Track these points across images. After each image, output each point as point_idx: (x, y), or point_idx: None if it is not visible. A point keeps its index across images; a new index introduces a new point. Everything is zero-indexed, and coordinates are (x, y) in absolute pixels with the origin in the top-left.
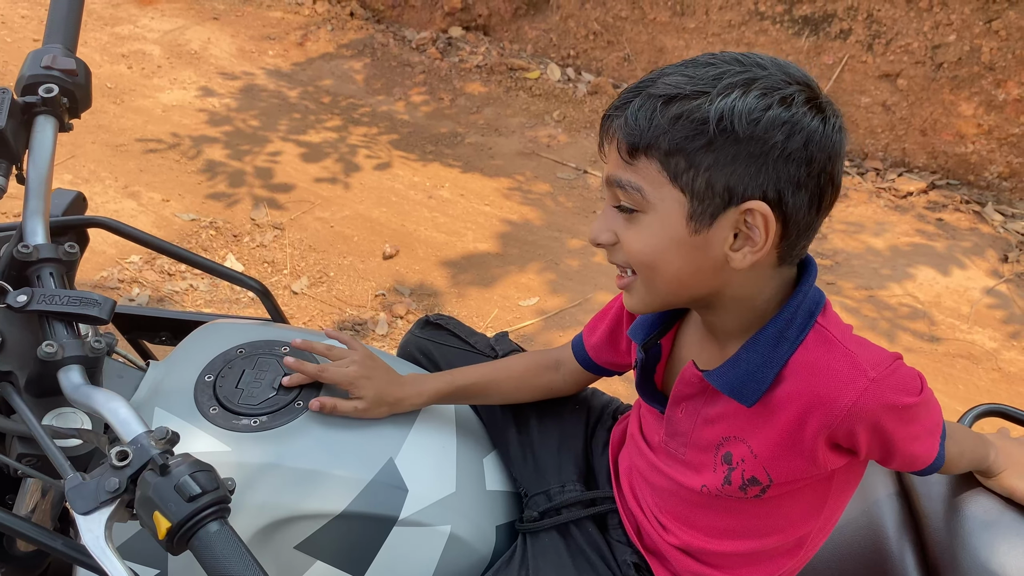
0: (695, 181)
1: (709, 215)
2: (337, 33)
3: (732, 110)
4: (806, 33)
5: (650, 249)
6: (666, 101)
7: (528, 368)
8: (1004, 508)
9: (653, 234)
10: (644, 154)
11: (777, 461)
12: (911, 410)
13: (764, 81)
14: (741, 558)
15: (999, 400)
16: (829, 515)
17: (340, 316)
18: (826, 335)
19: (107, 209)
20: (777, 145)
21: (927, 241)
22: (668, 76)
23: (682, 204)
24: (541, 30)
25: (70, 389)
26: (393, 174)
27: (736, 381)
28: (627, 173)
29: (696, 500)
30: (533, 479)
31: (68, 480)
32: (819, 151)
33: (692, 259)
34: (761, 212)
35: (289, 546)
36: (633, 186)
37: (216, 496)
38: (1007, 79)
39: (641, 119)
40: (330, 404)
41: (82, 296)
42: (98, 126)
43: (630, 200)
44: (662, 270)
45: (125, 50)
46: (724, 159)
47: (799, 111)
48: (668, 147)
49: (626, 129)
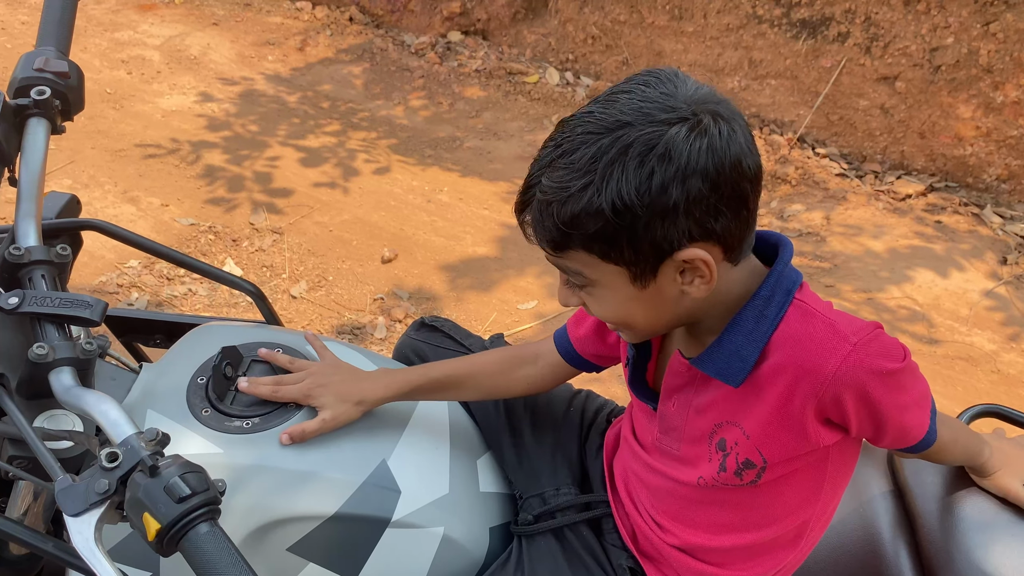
0: (623, 254)
1: (650, 271)
2: (336, 38)
3: (620, 194)
4: (804, 36)
5: (612, 311)
6: (560, 205)
7: (504, 361)
8: (999, 508)
9: (609, 300)
10: (568, 247)
11: (769, 439)
12: (896, 376)
13: (636, 143)
14: (742, 553)
15: (999, 402)
16: (826, 501)
17: (339, 320)
18: (806, 308)
19: (106, 214)
20: (679, 199)
21: (926, 243)
22: (548, 175)
23: (621, 274)
24: (540, 34)
25: (61, 391)
26: (392, 178)
27: (721, 363)
28: (562, 261)
29: (693, 496)
30: (527, 481)
31: (58, 482)
32: (721, 173)
33: (653, 306)
34: (697, 257)
35: (281, 548)
36: (572, 271)
37: (206, 497)
38: (1005, 81)
39: (547, 227)
40: (297, 432)
41: (73, 298)
42: (97, 131)
43: (576, 280)
44: (633, 321)
45: (125, 55)
46: (638, 231)
47: (682, 156)
48: (583, 240)
49: (538, 235)
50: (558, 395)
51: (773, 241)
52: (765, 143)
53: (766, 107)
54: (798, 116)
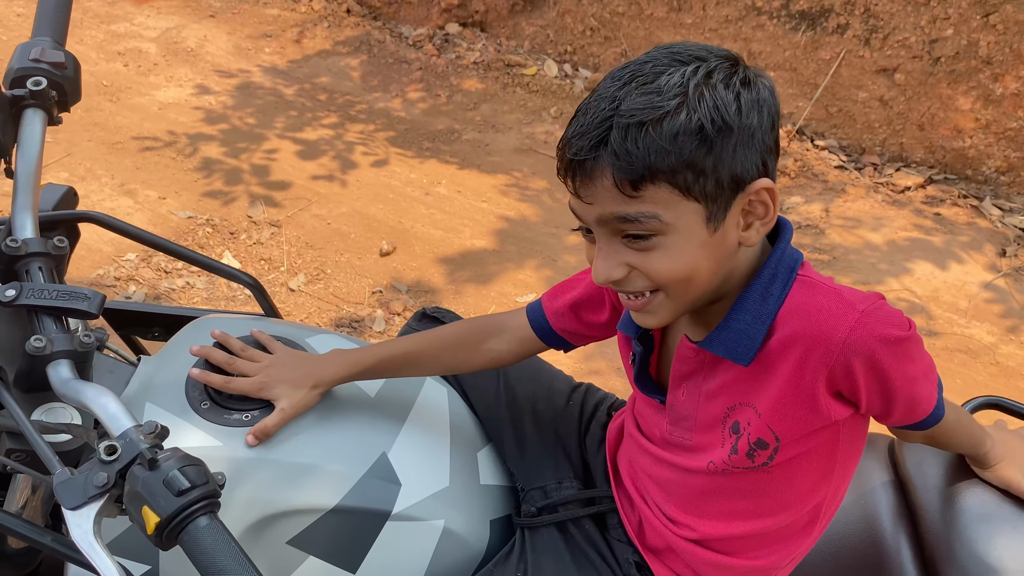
0: (707, 186)
1: (723, 210)
2: (334, 30)
3: (718, 108)
4: (803, 28)
5: (681, 265)
6: (655, 124)
7: (465, 334)
8: (1000, 500)
9: (681, 251)
10: (650, 182)
11: (781, 415)
12: (903, 344)
13: (718, 70)
14: (756, 540)
15: (998, 394)
16: (837, 485)
17: (337, 313)
18: (810, 281)
19: (103, 207)
20: (758, 126)
21: (925, 236)
22: (629, 100)
23: (699, 212)
24: (538, 26)
25: (59, 384)
26: (390, 171)
27: (730, 342)
28: (634, 206)
29: (704, 485)
30: (529, 474)
31: (56, 475)
32: (774, 112)
33: (715, 256)
34: (766, 188)
35: (281, 541)
36: (647, 215)
37: (205, 490)
38: (1005, 73)
39: (635, 150)
40: (260, 430)
41: (71, 291)
42: (94, 124)
43: (644, 229)
44: (696, 278)
45: (121, 48)
46: (726, 155)
47: (757, 85)
48: (672, 168)
49: (620, 164)
50: (558, 388)
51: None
52: None
53: None
54: (797, 108)
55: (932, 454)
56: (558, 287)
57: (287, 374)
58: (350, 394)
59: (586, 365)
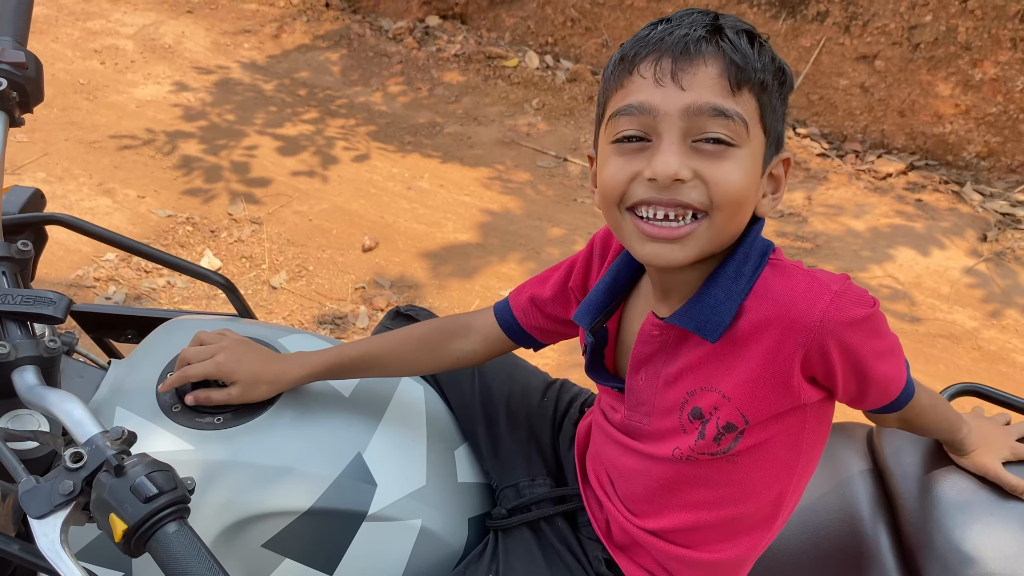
0: (771, 123)
1: (768, 159)
2: (313, 24)
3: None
4: (783, 16)
5: (744, 185)
6: (761, 40)
7: (430, 334)
8: (977, 487)
9: (747, 170)
10: (748, 88)
11: (752, 397)
12: (871, 321)
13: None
14: (719, 532)
15: (980, 378)
16: (801, 474)
17: (320, 310)
18: (781, 264)
19: (81, 207)
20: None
21: (907, 222)
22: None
23: (763, 144)
24: (519, 18)
25: (24, 390)
26: (371, 166)
27: (700, 316)
28: (732, 103)
29: (668, 474)
30: (503, 472)
31: (22, 484)
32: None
33: (754, 201)
34: (787, 162)
35: (256, 544)
36: (740, 117)
37: (174, 496)
38: (983, 59)
39: (749, 52)
40: (202, 396)
41: (36, 295)
42: (71, 123)
43: (731, 132)
44: (742, 208)
45: (97, 45)
46: (780, 105)
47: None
48: (768, 86)
49: (734, 57)
50: (533, 384)
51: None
52: None
53: None
54: None
55: (910, 442)
56: (524, 284)
57: (250, 363)
58: (324, 394)
59: (570, 358)
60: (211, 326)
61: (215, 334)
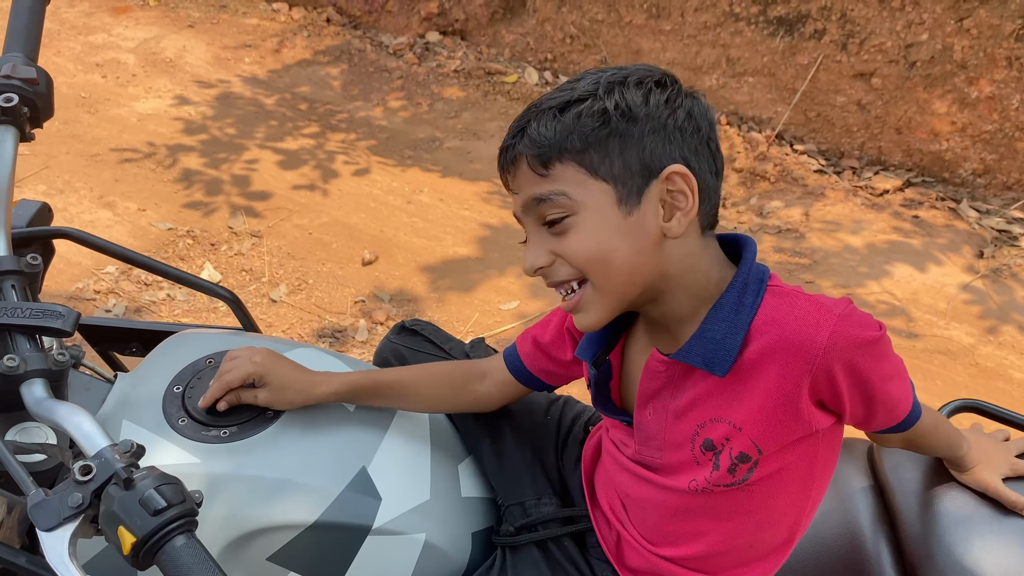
0: (613, 167)
1: (636, 194)
2: (314, 39)
3: (624, 98)
4: (781, 34)
5: (595, 243)
6: (561, 109)
7: (452, 375)
8: (978, 503)
9: (593, 229)
10: (558, 160)
11: (763, 426)
12: (879, 344)
13: (633, 75)
14: (735, 558)
15: (977, 394)
16: (815, 499)
17: (319, 324)
18: (782, 291)
19: (82, 219)
20: (669, 120)
21: (904, 238)
22: (549, 97)
23: (608, 193)
24: (518, 34)
25: (33, 403)
26: (371, 180)
27: (707, 351)
28: (546, 185)
29: (684, 505)
30: (508, 489)
31: (30, 496)
32: (702, 120)
33: (634, 241)
34: (681, 174)
35: (261, 558)
36: (556, 193)
37: (182, 509)
38: (979, 77)
39: (545, 130)
40: (232, 397)
41: (45, 308)
42: (72, 136)
43: (558, 209)
44: (613, 260)
45: (99, 59)
46: (631, 141)
47: (672, 89)
48: (580, 145)
49: (533, 146)
50: (536, 401)
51: (739, 241)
52: (743, 140)
53: (744, 104)
54: (776, 113)
55: (910, 459)
56: (529, 329)
57: (283, 371)
58: (329, 408)
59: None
60: (216, 340)
61: (246, 349)
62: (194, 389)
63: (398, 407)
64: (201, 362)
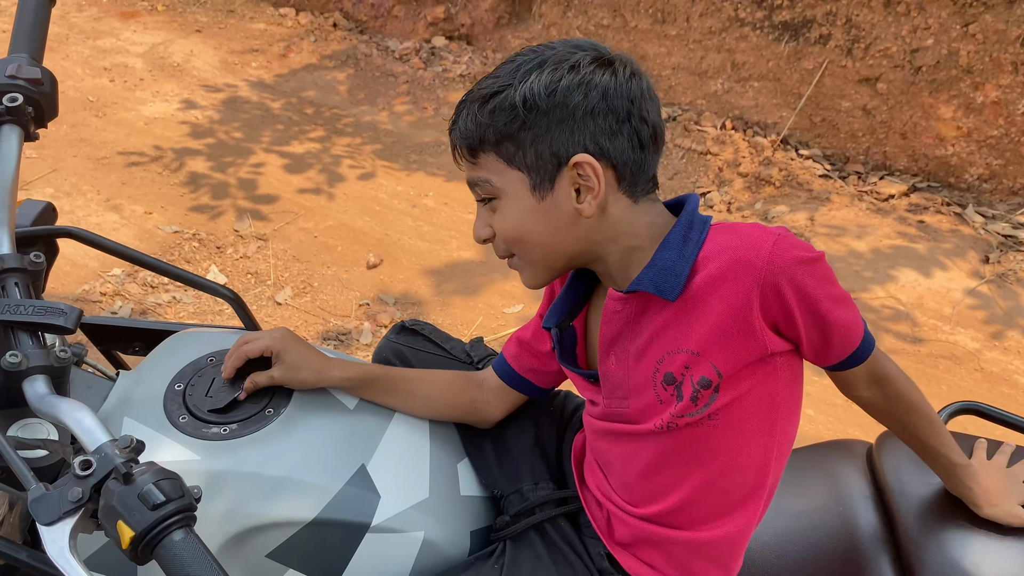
0: (526, 157)
1: (548, 180)
2: (320, 44)
3: (532, 90)
4: (786, 39)
5: (512, 225)
6: (482, 102)
7: (453, 381)
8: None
9: (511, 212)
10: (481, 151)
11: (720, 347)
12: (819, 264)
13: (553, 57)
14: (711, 507)
15: (982, 400)
16: (780, 438)
17: (324, 326)
18: (725, 224)
19: (89, 222)
20: (578, 106)
21: (909, 243)
22: (482, 81)
23: (523, 181)
24: (524, 39)
25: (35, 399)
26: (377, 184)
27: (657, 277)
28: (475, 172)
29: (655, 452)
30: (508, 479)
31: (31, 491)
32: (618, 99)
33: (548, 222)
34: (586, 162)
35: (260, 554)
36: (482, 179)
37: (181, 504)
38: (985, 82)
39: (468, 124)
40: (249, 385)
41: (48, 306)
42: (79, 139)
43: (486, 192)
44: (530, 239)
45: (107, 63)
46: (540, 132)
47: (587, 71)
48: (495, 138)
49: (461, 136)
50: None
51: (682, 200)
52: (748, 145)
53: (749, 109)
54: (781, 118)
55: (909, 459)
56: (512, 334)
57: (301, 349)
58: (329, 405)
59: None
60: (218, 338)
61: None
62: (195, 387)
63: (400, 406)
64: (202, 360)
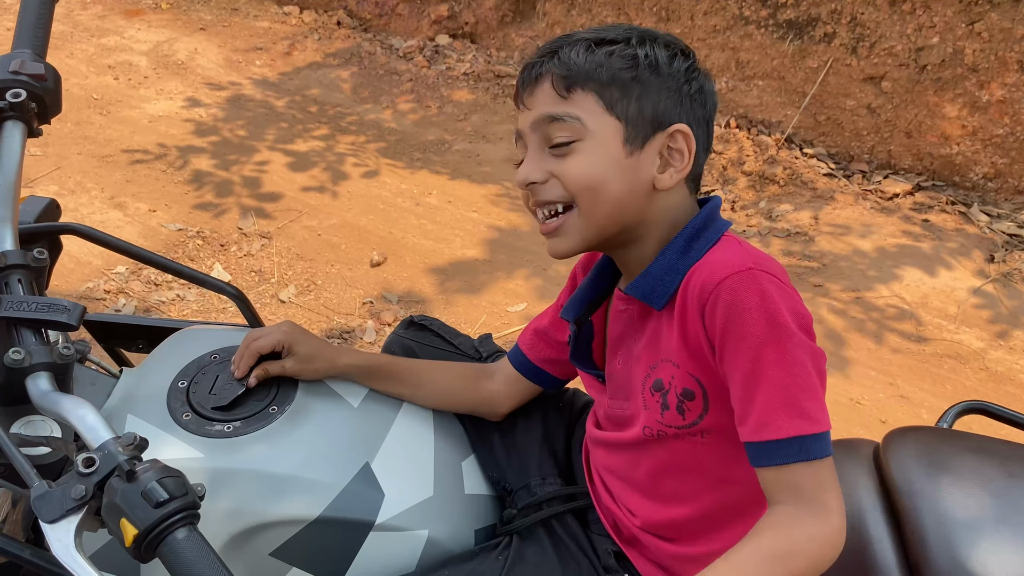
0: (629, 108)
1: (641, 138)
2: (324, 42)
3: (654, 51)
4: (790, 37)
5: (594, 171)
6: (597, 43)
7: (464, 372)
8: (985, 507)
9: (596, 158)
10: (580, 88)
11: (695, 363)
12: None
13: (662, 38)
14: (710, 522)
15: (987, 399)
16: None
17: (328, 324)
18: (728, 240)
19: (93, 220)
20: (686, 85)
21: (913, 242)
22: (583, 32)
23: (618, 130)
24: (528, 37)
25: (38, 396)
26: (381, 182)
27: (647, 286)
28: (564, 107)
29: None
30: (516, 474)
31: (34, 489)
32: (709, 98)
33: (627, 179)
34: (684, 133)
35: (264, 553)
36: (572, 116)
37: (184, 502)
38: (990, 80)
39: (576, 57)
40: (260, 372)
41: (51, 302)
42: (84, 137)
43: (568, 132)
44: (604, 191)
45: (112, 61)
46: (651, 90)
47: (693, 63)
48: (605, 79)
49: (562, 67)
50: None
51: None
52: (753, 144)
53: (754, 108)
54: (785, 116)
55: (916, 459)
56: (529, 324)
57: (311, 340)
58: (333, 403)
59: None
60: (221, 336)
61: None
62: (199, 384)
63: (409, 395)
64: (206, 358)
